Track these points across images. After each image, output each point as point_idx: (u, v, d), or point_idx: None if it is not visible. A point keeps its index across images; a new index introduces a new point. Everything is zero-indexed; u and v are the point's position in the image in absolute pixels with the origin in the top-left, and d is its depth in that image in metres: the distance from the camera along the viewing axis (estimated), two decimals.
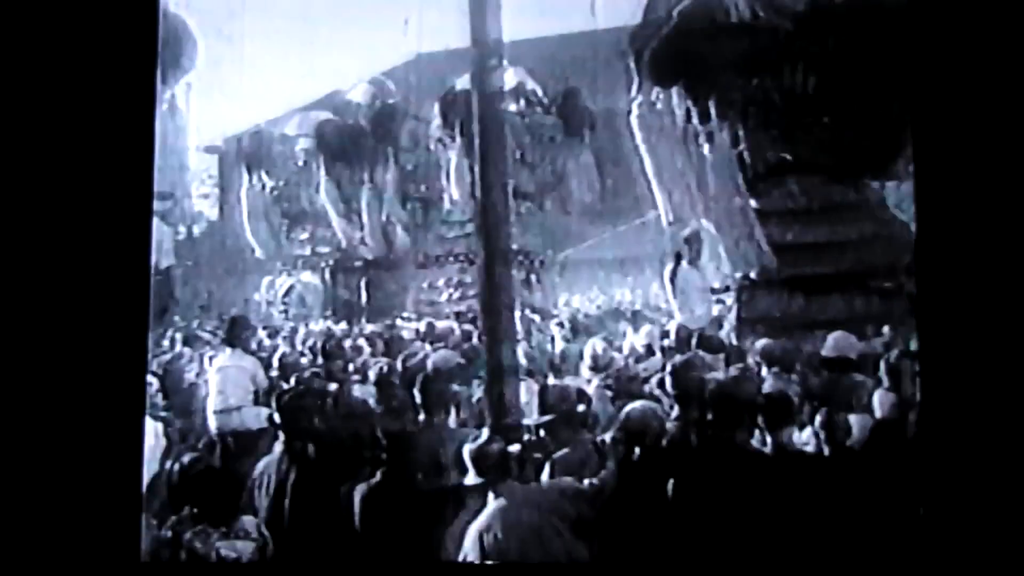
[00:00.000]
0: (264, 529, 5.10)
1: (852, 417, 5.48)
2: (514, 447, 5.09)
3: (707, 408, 5.15)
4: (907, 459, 5.04)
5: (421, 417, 5.71)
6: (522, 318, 7.34)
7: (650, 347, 7.06)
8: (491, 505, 4.84)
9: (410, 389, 5.84)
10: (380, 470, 5.33)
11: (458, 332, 7.85)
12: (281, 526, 5.33)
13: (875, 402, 5.70)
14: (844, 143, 7.30)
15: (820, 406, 5.55)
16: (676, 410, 5.38)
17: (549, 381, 6.38)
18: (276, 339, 8.14)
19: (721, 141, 7.50)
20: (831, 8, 7.26)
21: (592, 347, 6.82)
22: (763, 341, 6.40)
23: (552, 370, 6.85)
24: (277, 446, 5.62)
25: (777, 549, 4.73)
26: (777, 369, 6.12)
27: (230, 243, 8.94)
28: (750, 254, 7.45)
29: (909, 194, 4.93)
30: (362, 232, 9.36)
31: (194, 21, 7.27)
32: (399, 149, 9.30)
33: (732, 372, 6.05)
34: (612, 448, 5.09)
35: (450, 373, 6.15)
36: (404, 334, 8.05)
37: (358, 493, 5.28)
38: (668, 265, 7.58)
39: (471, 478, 4.98)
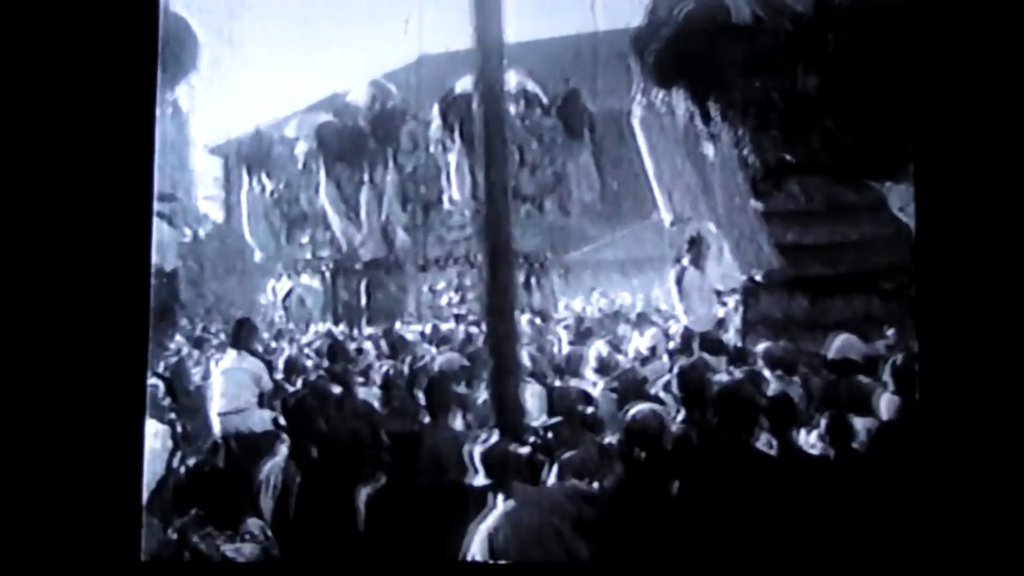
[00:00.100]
0: (269, 531, 5.07)
1: (857, 419, 5.47)
2: (523, 449, 5.08)
3: (712, 410, 5.14)
4: (913, 461, 5.03)
5: (426, 419, 5.72)
6: (525, 320, 7.34)
7: (654, 349, 7.06)
8: (500, 506, 4.83)
9: (415, 391, 5.83)
10: (385, 472, 5.31)
11: (462, 334, 7.85)
12: (286, 528, 5.29)
13: (880, 404, 5.70)
14: (846, 144, 7.30)
15: (825, 408, 5.55)
16: (682, 413, 5.38)
17: (555, 383, 6.38)
18: (281, 341, 8.12)
19: (723, 142, 7.50)
20: (833, 9, 7.26)
21: (597, 350, 6.81)
22: (767, 343, 6.40)
23: (557, 372, 6.83)
24: (282, 448, 5.61)
25: (782, 551, 4.72)
26: (781, 371, 6.12)
27: (235, 246, 8.92)
28: (752, 255, 7.44)
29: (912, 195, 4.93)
30: (362, 234, 9.35)
31: (195, 21, 7.26)
32: (399, 151, 9.30)
33: (737, 374, 6.05)
34: (618, 450, 5.08)
35: (455, 375, 6.16)
36: (408, 336, 8.04)
37: (363, 495, 5.26)
38: (673, 268, 7.57)
39: (478, 479, 4.97)
